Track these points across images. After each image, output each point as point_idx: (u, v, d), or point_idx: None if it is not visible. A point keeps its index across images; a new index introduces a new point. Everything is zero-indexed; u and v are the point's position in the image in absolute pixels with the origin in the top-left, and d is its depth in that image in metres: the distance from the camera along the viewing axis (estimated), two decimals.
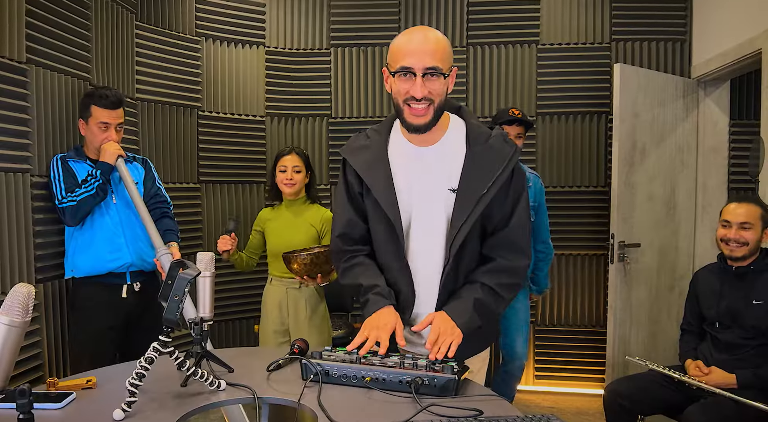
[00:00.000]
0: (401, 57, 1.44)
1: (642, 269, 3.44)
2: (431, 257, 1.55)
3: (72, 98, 2.50)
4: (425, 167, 1.55)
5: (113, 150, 2.33)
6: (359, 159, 1.59)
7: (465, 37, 3.74)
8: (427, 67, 1.43)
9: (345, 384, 1.43)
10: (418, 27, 1.50)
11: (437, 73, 1.43)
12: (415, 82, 1.43)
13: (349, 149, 1.63)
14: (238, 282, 3.66)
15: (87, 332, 2.32)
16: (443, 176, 1.53)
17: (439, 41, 1.45)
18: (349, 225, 1.63)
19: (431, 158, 1.55)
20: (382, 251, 1.60)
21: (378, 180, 1.55)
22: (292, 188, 2.60)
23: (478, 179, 1.50)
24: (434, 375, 1.35)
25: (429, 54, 1.42)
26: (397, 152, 1.58)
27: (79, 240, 2.32)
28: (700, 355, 2.41)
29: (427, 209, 1.54)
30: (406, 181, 1.55)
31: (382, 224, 1.56)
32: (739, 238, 2.32)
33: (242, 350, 1.88)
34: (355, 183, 1.62)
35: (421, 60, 1.42)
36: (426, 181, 1.54)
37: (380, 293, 1.53)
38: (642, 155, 3.40)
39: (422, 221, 1.55)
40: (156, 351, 1.28)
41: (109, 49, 2.82)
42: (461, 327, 1.46)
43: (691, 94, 3.56)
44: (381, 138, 1.60)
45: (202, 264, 1.67)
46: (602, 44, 3.66)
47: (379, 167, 1.56)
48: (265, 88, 3.76)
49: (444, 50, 1.45)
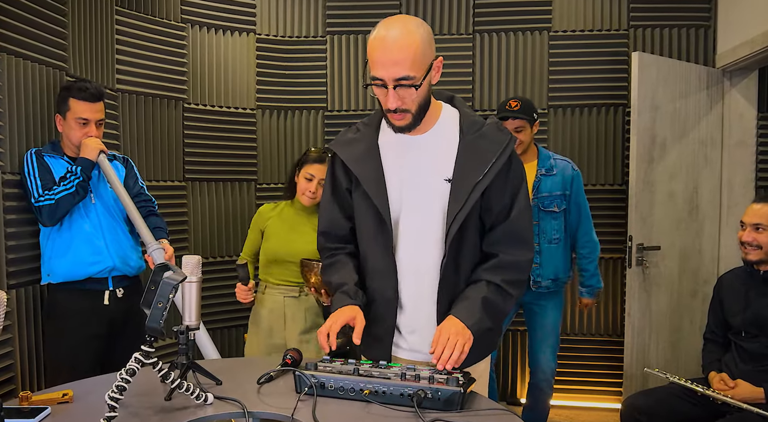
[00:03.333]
0: (372, 64, 1.48)
1: (662, 274, 3.44)
2: (426, 250, 1.58)
3: (47, 89, 2.50)
4: (418, 157, 1.59)
5: (94, 145, 2.33)
6: (349, 152, 1.63)
7: (471, 24, 3.74)
8: (396, 79, 1.46)
9: (342, 397, 1.43)
10: (392, 22, 1.48)
11: (408, 83, 1.46)
12: (388, 94, 1.48)
13: (339, 142, 1.68)
14: (227, 288, 3.66)
15: (66, 342, 2.31)
16: (437, 166, 1.58)
17: (409, 46, 1.43)
18: (332, 223, 1.71)
19: (423, 147, 1.60)
20: (371, 248, 1.64)
21: (367, 171, 1.59)
22: (312, 202, 2.55)
23: (473, 168, 1.54)
24: (438, 387, 1.35)
25: (398, 64, 1.44)
26: (388, 143, 1.63)
27: (56, 243, 2.32)
28: (725, 367, 2.41)
29: (420, 200, 1.58)
30: (397, 172, 1.60)
31: (371, 217, 1.61)
32: (752, 241, 2.32)
33: (231, 361, 1.87)
34: (343, 179, 1.68)
35: (390, 71, 1.45)
36: (419, 172, 1.59)
37: (346, 292, 1.58)
38: (662, 150, 3.40)
39: (415, 213, 1.59)
40: (138, 362, 1.28)
41: (86, 36, 2.82)
42: (471, 328, 1.47)
43: (715, 85, 3.56)
44: (371, 130, 1.66)
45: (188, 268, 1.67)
46: (619, 31, 3.66)
47: (369, 158, 1.61)
48: (255, 79, 3.76)
49: (415, 54, 1.44)
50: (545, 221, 2.85)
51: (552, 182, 2.84)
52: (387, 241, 1.59)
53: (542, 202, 2.84)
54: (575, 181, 2.88)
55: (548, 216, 2.85)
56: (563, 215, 2.87)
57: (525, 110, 2.81)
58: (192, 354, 1.61)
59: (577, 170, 2.91)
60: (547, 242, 2.86)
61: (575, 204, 2.89)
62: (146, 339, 1.29)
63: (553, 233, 2.86)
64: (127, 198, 2.36)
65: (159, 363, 1.37)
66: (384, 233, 1.59)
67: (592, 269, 2.98)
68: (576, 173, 2.89)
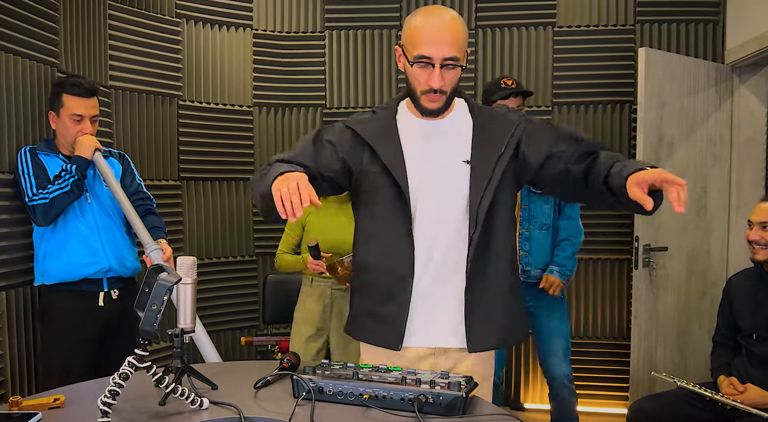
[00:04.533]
0: (419, 44, 1.53)
1: (669, 276, 3.44)
2: (448, 232, 1.60)
3: (38, 86, 2.50)
4: (436, 140, 1.64)
5: (89, 143, 2.33)
6: (367, 128, 1.65)
7: (474, 18, 3.74)
8: (445, 58, 1.52)
9: (341, 401, 1.43)
10: (435, 8, 1.60)
11: (455, 63, 1.54)
12: (434, 72, 1.54)
13: (355, 120, 1.70)
14: (223, 290, 3.66)
15: (59, 344, 2.32)
16: (456, 149, 1.63)
17: (458, 28, 1.55)
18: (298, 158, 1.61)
19: (442, 131, 1.65)
20: (386, 225, 1.63)
21: (386, 148, 1.62)
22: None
23: (491, 145, 1.61)
24: (439, 392, 1.35)
25: (448, 44, 1.52)
26: (407, 126, 1.67)
27: (51, 243, 2.32)
28: (735, 371, 2.41)
29: (440, 182, 1.62)
30: (417, 154, 1.63)
31: (389, 196, 1.61)
32: (759, 239, 2.32)
33: (227, 365, 1.88)
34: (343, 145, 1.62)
35: (440, 50, 1.52)
36: (437, 154, 1.63)
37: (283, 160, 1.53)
38: (669, 149, 3.40)
39: (436, 194, 1.61)
40: (131, 365, 1.28)
41: (79, 31, 2.82)
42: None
43: (724, 82, 3.56)
44: (389, 113, 1.69)
45: (183, 270, 1.67)
46: (625, 26, 3.66)
47: (388, 137, 1.64)
48: (252, 76, 3.76)
49: (462, 37, 1.55)
50: (536, 205, 2.79)
51: None
52: (406, 219, 1.60)
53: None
54: None
55: (539, 200, 2.79)
56: (553, 200, 2.81)
57: (521, 87, 2.79)
58: (187, 358, 1.60)
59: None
60: (537, 227, 2.79)
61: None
62: (140, 342, 1.29)
63: (544, 218, 2.80)
64: (123, 197, 2.36)
65: (153, 366, 1.36)
66: (403, 212, 1.60)
67: (569, 252, 2.81)
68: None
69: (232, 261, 3.74)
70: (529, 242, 2.80)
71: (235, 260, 3.75)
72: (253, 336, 3.60)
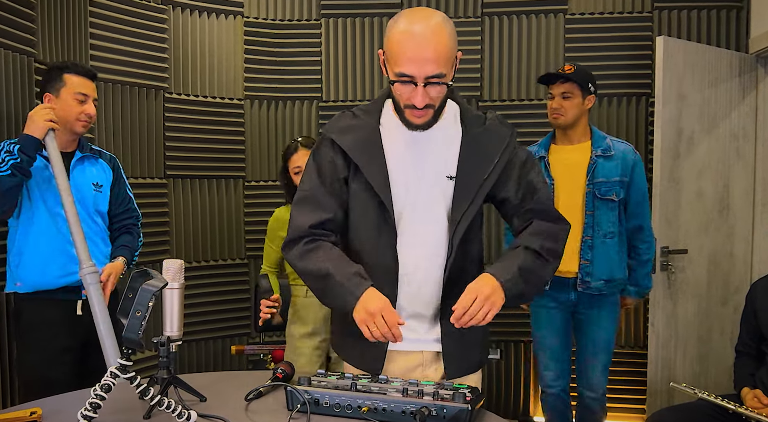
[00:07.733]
0: (400, 60, 1.49)
1: (689, 280, 3.44)
2: (429, 249, 1.62)
3: (13, 77, 2.50)
4: (421, 153, 1.63)
5: (42, 119, 2.14)
6: (348, 139, 1.64)
7: (479, 6, 3.74)
8: (428, 76, 1.49)
9: (338, 414, 1.43)
10: (417, 15, 1.52)
11: (440, 81, 1.51)
12: (416, 91, 1.51)
13: (335, 128, 1.68)
14: (212, 295, 3.66)
15: (37, 355, 2.30)
16: (440, 162, 1.63)
17: (442, 41, 1.48)
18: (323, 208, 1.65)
19: (427, 143, 1.63)
20: (370, 242, 1.64)
21: (370, 162, 1.61)
22: None
23: (477, 165, 1.62)
24: (443, 404, 1.35)
25: (431, 61, 1.48)
26: (391, 135, 1.65)
27: (24, 248, 2.29)
28: (759, 382, 2.41)
29: (424, 197, 1.62)
30: (400, 167, 1.63)
31: (372, 210, 1.62)
32: None
33: (216, 375, 1.87)
34: (341, 167, 1.65)
35: (422, 68, 1.48)
36: (423, 167, 1.63)
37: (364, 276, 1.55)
38: (689, 144, 3.40)
39: (418, 210, 1.62)
40: (114, 376, 1.28)
41: (57, 19, 2.82)
42: (505, 284, 1.50)
43: (748, 73, 3.56)
44: (372, 119, 1.67)
45: (170, 274, 1.67)
46: (642, 13, 3.66)
47: (370, 148, 1.63)
48: (243, 67, 3.76)
49: (448, 50, 1.50)
50: (601, 211, 2.73)
51: (610, 166, 2.74)
52: (390, 235, 1.61)
53: (599, 188, 2.72)
54: (636, 167, 2.78)
55: (604, 206, 2.73)
56: (619, 206, 2.77)
57: (578, 74, 2.75)
58: (174, 368, 1.61)
59: (638, 154, 2.82)
60: (601, 236, 2.73)
61: (637, 193, 2.79)
62: (123, 351, 1.29)
63: (609, 226, 2.74)
64: (68, 199, 2.16)
65: (137, 377, 1.36)
66: (387, 228, 1.61)
67: (649, 268, 2.88)
68: (638, 158, 2.80)
69: (222, 265, 3.74)
70: (592, 251, 2.73)
71: (225, 263, 3.75)
72: (245, 344, 3.59)
